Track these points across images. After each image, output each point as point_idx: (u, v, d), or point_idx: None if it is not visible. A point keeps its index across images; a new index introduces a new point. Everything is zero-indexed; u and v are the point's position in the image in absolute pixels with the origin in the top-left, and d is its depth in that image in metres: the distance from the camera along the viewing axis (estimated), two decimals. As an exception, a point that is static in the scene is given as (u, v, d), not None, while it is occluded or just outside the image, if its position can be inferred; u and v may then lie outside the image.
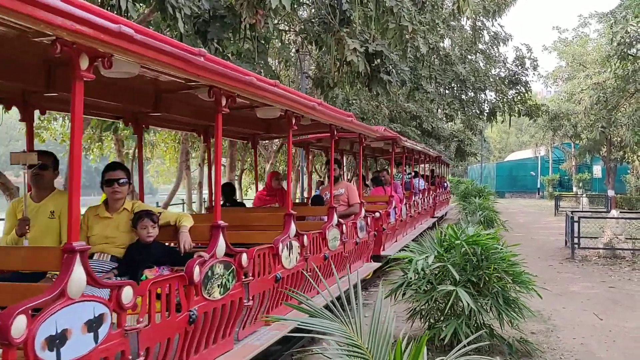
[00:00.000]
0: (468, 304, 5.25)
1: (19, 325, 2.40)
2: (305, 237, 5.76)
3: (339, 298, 3.59)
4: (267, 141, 15.89)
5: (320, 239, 6.34)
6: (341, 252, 7.03)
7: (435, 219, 17.41)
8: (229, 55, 8.26)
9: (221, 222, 4.21)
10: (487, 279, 5.69)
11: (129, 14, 5.70)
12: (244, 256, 4.43)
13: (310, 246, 5.96)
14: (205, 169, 15.92)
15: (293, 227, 5.48)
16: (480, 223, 14.57)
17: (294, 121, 5.54)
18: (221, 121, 4.24)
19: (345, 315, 3.40)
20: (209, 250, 4.05)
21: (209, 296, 3.94)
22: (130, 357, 3.08)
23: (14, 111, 4.58)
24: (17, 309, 2.41)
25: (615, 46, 18.80)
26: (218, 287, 4.05)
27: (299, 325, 3.49)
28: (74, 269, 2.71)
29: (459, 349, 3.47)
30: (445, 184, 25.64)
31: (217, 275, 4.05)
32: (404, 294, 6.02)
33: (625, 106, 25.26)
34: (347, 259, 7.31)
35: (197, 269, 3.78)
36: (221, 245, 4.16)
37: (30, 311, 2.49)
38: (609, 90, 24.19)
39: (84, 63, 2.76)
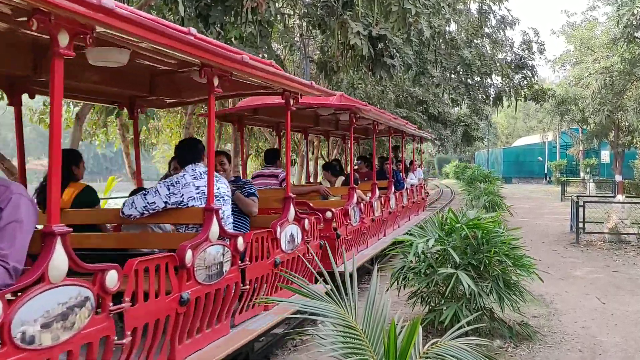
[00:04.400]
0: (469, 286, 5.25)
1: None
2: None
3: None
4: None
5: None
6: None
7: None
8: (232, 39, 8.23)
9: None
10: (487, 262, 5.68)
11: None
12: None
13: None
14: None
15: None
16: (484, 208, 14.59)
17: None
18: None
19: (341, 298, 3.41)
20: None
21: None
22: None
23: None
24: None
25: (622, 29, 18.58)
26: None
27: (297, 307, 3.49)
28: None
29: (457, 329, 3.47)
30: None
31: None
32: (405, 278, 6.03)
33: (632, 90, 25.00)
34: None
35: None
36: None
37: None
38: (615, 73, 23.93)
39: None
